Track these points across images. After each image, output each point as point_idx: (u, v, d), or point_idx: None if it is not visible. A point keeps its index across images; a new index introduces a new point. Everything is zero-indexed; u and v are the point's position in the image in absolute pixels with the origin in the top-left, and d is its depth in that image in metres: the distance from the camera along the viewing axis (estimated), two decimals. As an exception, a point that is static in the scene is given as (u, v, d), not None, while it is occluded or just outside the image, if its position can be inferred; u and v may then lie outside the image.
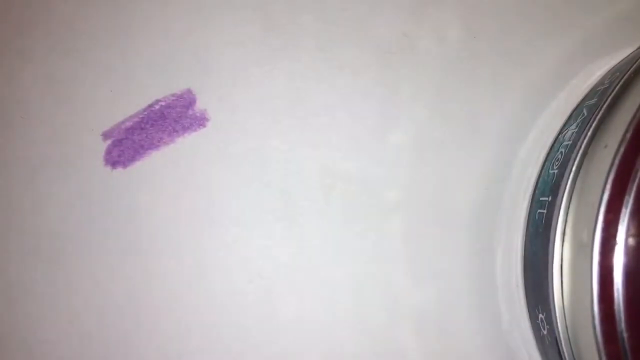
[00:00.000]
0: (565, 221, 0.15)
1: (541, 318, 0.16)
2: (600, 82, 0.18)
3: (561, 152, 0.16)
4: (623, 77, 0.15)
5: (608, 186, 0.13)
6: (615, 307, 0.13)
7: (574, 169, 0.15)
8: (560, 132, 0.18)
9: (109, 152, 0.19)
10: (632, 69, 0.15)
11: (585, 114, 0.16)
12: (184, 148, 0.19)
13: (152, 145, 0.19)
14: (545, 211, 0.16)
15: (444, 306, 0.19)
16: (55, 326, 0.19)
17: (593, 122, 0.15)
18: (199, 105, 0.19)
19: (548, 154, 0.18)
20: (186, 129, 0.19)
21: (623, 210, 0.13)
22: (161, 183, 0.19)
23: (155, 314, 0.19)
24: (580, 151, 0.15)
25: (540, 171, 0.18)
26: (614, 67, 0.18)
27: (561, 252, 0.15)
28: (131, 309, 0.19)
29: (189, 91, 0.19)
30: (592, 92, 0.18)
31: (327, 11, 0.19)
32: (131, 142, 0.19)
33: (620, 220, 0.13)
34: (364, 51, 0.19)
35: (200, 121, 0.19)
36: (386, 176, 0.19)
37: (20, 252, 0.19)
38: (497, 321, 0.19)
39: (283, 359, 0.19)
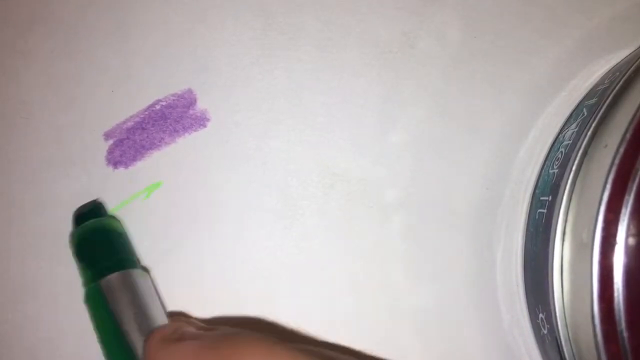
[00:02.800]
0: (566, 221, 0.15)
1: (541, 318, 0.16)
2: (600, 81, 0.18)
3: (561, 151, 0.16)
4: (623, 77, 0.15)
5: (608, 186, 0.13)
6: (615, 306, 0.13)
7: (574, 168, 0.15)
8: (560, 132, 0.18)
9: (110, 152, 0.19)
10: (631, 69, 0.15)
11: (585, 113, 0.16)
12: (184, 148, 0.19)
13: (153, 145, 0.19)
14: (545, 211, 0.16)
15: (444, 306, 0.19)
16: (55, 326, 0.19)
17: (593, 121, 0.15)
18: (200, 105, 0.19)
19: (548, 154, 0.18)
20: (187, 128, 0.19)
21: (623, 209, 0.13)
22: (162, 183, 0.19)
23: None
24: (580, 151, 0.15)
25: (540, 171, 0.18)
26: (613, 67, 0.18)
27: (561, 252, 0.15)
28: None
29: (190, 91, 0.19)
30: (592, 92, 0.18)
31: (327, 11, 0.19)
32: (132, 142, 0.19)
33: (620, 220, 0.13)
34: (364, 51, 0.19)
35: (200, 121, 0.19)
36: (386, 176, 0.19)
37: (21, 252, 0.19)
38: (497, 321, 0.19)
39: (283, 359, 0.19)
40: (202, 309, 0.19)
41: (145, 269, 0.18)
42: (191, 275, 0.19)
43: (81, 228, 0.18)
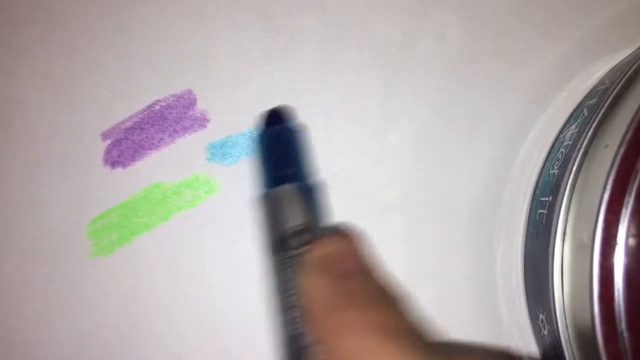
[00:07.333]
0: (566, 221, 0.15)
1: (542, 318, 0.16)
2: (601, 82, 0.18)
3: (561, 152, 0.16)
4: (623, 77, 0.15)
5: (608, 186, 0.13)
6: (616, 307, 0.13)
7: (574, 169, 0.15)
8: (560, 132, 0.18)
9: (108, 152, 0.19)
10: (632, 69, 0.15)
11: (586, 114, 0.16)
12: (184, 148, 0.19)
13: (152, 145, 0.19)
14: (545, 211, 0.16)
15: (444, 306, 0.19)
16: (55, 326, 0.19)
17: (593, 122, 0.15)
18: (199, 105, 0.19)
19: (548, 154, 0.18)
20: (186, 129, 0.19)
21: (623, 210, 0.13)
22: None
23: (155, 314, 0.19)
24: (581, 151, 0.15)
25: (541, 171, 0.18)
26: (614, 67, 0.18)
27: (561, 253, 0.15)
28: (131, 309, 0.19)
29: (189, 92, 0.19)
30: (592, 92, 0.18)
31: (327, 12, 0.19)
32: (131, 142, 0.19)
33: (621, 221, 0.13)
34: (364, 51, 0.19)
35: (200, 122, 0.19)
36: (386, 176, 0.19)
37: (20, 252, 0.19)
38: (497, 321, 0.19)
39: None
40: (202, 309, 0.19)
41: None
42: (191, 276, 0.19)
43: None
